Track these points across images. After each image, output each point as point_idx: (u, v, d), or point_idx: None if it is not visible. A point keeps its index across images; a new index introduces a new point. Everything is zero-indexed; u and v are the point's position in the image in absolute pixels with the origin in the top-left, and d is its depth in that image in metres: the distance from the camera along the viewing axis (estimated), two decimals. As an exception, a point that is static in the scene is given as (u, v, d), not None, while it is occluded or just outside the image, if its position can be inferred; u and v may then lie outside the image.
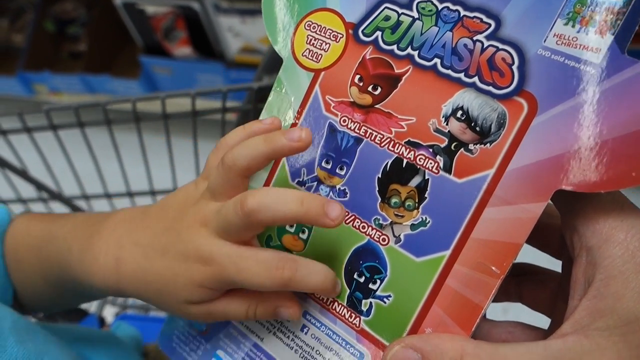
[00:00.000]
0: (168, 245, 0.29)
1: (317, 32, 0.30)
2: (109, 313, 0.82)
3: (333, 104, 0.29)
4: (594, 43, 0.24)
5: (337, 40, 0.29)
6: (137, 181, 0.74)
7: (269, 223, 0.26)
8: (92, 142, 0.66)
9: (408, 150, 0.27)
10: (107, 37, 1.86)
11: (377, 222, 0.28)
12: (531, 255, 0.30)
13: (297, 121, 0.30)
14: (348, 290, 0.28)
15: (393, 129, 0.28)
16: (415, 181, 0.27)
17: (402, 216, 0.27)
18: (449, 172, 0.26)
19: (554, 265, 0.30)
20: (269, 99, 0.32)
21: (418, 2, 0.28)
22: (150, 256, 0.29)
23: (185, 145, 0.77)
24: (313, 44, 0.30)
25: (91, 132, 0.64)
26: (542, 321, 0.30)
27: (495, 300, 0.29)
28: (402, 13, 0.28)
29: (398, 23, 0.28)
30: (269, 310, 0.28)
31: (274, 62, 0.58)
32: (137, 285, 0.30)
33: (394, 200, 0.27)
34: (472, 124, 0.26)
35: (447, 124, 0.26)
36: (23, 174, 0.64)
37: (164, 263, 0.29)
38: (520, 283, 0.31)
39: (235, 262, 0.27)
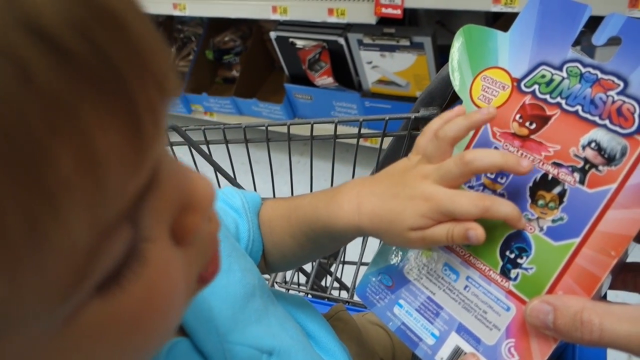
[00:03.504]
0: (398, 192, 0.41)
1: (490, 83, 0.43)
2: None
3: (498, 134, 0.42)
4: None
5: (505, 89, 0.42)
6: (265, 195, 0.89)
7: (480, 170, 0.39)
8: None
9: (553, 168, 0.39)
10: (256, 65, 2.09)
11: (526, 217, 0.40)
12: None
13: (471, 144, 0.43)
14: (501, 263, 0.41)
15: (543, 153, 0.40)
16: (557, 190, 0.39)
17: (546, 213, 0.39)
18: (583, 184, 0.38)
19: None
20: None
21: (567, 67, 0.40)
22: (385, 199, 0.42)
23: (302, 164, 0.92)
24: (486, 90, 0.43)
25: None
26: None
27: (614, 288, 0.40)
28: (555, 73, 0.40)
29: (551, 80, 0.40)
30: (461, 232, 0.38)
31: (430, 98, 0.71)
32: (373, 220, 0.42)
33: (540, 202, 0.39)
34: (602, 152, 0.37)
35: (583, 151, 0.38)
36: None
37: (395, 202, 0.41)
38: (636, 276, 0.41)
39: (451, 198, 0.39)
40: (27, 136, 0.15)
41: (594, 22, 0.40)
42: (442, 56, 1.58)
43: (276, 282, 0.81)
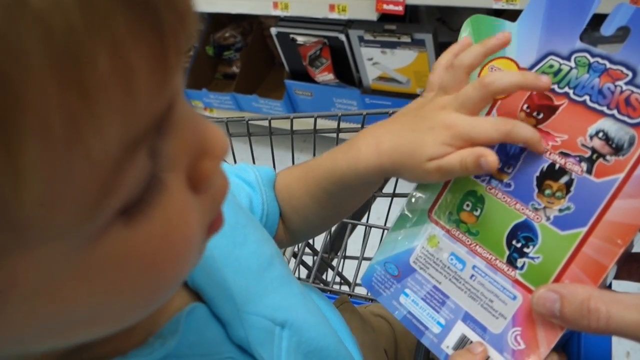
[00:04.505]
0: (415, 125, 0.41)
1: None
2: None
3: (505, 123, 0.42)
4: None
5: (512, 79, 0.42)
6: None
7: (500, 91, 0.39)
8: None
9: (560, 157, 0.39)
10: (257, 61, 2.09)
11: (533, 206, 0.40)
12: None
13: (478, 133, 0.43)
14: (507, 252, 0.41)
15: (550, 143, 0.40)
16: (564, 179, 0.39)
17: (553, 203, 0.39)
18: (590, 173, 0.38)
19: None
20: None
21: (575, 56, 0.40)
22: (403, 135, 0.42)
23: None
24: (493, 81, 0.43)
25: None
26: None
27: (620, 278, 0.40)
28: (563, 63, 0.40)
29: (559, 70, 0.40)
30: (474, 159, 0.38)
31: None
32: (392, 156, 0.42)
33: (547, 191, 0.40)
34: (610, 142, 0.38)
35: (590, 141, 0.38)
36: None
37: (414, 135, 0.41)
38: None
39: (471, 123, 0.39)
40: (67, 32, 0.16)
41: (595, 19, 0.40)
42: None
43: (278, 275, 0.81)
